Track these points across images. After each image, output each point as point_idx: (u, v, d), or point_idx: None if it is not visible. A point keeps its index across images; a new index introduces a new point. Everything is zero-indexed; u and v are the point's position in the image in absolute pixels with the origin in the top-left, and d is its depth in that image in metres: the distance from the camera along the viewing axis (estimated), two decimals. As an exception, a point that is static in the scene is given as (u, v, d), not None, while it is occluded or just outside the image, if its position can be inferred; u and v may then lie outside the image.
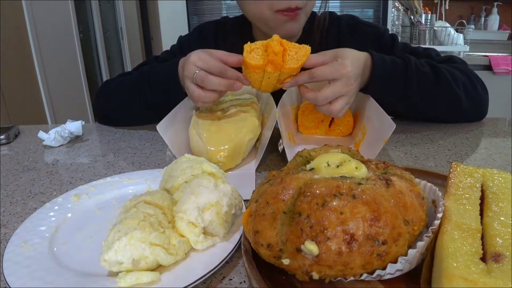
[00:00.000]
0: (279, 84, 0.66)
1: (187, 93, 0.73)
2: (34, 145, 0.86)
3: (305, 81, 0.66)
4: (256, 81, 0.66)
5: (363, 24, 0.98)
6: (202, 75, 0.67)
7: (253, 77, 0.65)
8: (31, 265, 0.40)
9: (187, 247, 0.42)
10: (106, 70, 3.68)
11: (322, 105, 0.67)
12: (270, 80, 0.65)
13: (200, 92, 0.69)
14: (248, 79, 0.66)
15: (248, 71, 0.64)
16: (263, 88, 0.67)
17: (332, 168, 0.39)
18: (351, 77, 0.66)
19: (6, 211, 0.56)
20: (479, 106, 0.89)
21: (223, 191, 0.45)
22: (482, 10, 3.11)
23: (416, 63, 0.78)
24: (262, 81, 0.65)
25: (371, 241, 0.32)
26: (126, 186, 0.59)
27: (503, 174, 0.41)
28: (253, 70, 0.63)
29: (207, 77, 0.67)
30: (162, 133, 0.64)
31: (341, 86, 0.65)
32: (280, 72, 0.63)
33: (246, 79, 0.66)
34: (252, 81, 0.66)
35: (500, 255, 0.29)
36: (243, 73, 0.66)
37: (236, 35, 0.98)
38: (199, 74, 0.67)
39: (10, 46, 2.15)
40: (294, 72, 0.64)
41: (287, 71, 0.63)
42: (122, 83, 0.94)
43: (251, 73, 0.64)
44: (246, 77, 0.66)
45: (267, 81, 0.65)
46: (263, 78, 0.65)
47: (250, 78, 0.66)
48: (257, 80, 0.65)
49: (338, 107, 0.66)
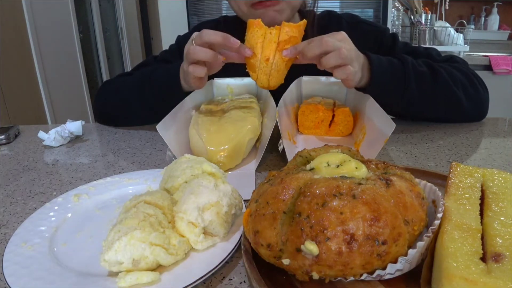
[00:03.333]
0: (279, 51, 0.66)
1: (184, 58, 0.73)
2: (34, 145, 0.86)
3: (305, 46, 0.66)
4: (257, 45, 0.66)
5: (364, 23, 0.98)
6: (201, 31, 0.68)
7: (254, 40, 0.66)
8: (31, 265, 0.40)
9: (187, 247, 0.42)
10: (106, 70, 3.67)
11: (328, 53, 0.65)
12: (271, 42, 0.65)
13: (195, 47, 0.68)
14: (249, 43, 0.67)
15: (249, 31, 0.66)
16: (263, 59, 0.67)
17: (332, 168, 0.39)
18: (348, 39, 0.67)
19: (6, 211, 0.56)
20: (479, 105, 0.89)
21: (223, 191, 0.45)
22: (482, 10, 3.11)
23: (413, 63, 0.78)
24: (263, 44, 0.66)
25: (371, 241, 0.32)
26: (126, 186, 0.59)
27: (503, 174, 0.41)
28: (256, 26, 0.65)
29: (205, 30, 0.68)
30: (162, 133, 0.64)
31: (342, 42, 0.66)
32: (280, 32, 0.65)
33: (248, 48, 0.67)
34: (253, 44, 0.66)
35: (500, 255, 0.29)
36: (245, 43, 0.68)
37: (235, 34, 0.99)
38: (197, 33, 0.68)
39: (10, 46, 2.15)
40: (294, 33, 0.66)
41: (288, 28, 0.65)
42: (123, 84, 0.94)
43: (252, 32, 0.66)
44: (248, 44, 0.67)
45: (268, 45, 0.66)
46: (264, 39, 0.66)
47: (252, 39, 0.66)
48: (258, 43, 0.66)
49: (346, 53, 0.64)
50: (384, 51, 0.77)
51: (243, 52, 0.66)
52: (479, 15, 3.12)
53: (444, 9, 2.90)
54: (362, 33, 0.94)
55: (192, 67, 0.69)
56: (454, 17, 3.06)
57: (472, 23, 3.10)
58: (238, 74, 0.88)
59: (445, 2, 2.87)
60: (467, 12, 3.17)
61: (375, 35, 0.95)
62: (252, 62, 0.67)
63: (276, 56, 0.66)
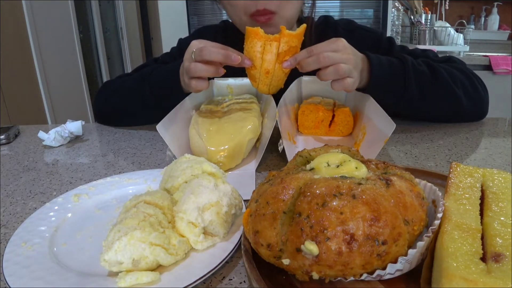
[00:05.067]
0: (279, 63, 0.67)
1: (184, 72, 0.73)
2: (34, 145, 0.86)
3: (304, 57, 0.66)
4: (257, 57, 0.66)
5: (360, 28, 0.99)
6: (201, 47, 0.68)
7: (254, 51, 0.66)
8: (31, 265, 0.40)
9: (187, 247, 0.42)
10: (106, 70, 3.67)
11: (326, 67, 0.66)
12: (271, 55, 0.65)
13: (196, 64, 0.69)
14: (249, 54, 0.67)
15: (249, 41, 0.66)
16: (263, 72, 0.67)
17: (332, 168, 0.39)
18: (348, 47, 0.68)
19: (6, 211, 0.56)
20: (479, 105, 0.89)
21: (223, 191, 0.45)
22: (482, 10, 3.11)
23: (413, 62, 0.78)
24: (262, 56, 0.66)
25: (371, 241, 0.32)
26: (126, 186, 0.59)
27: (503, 174, 0.41)
28: (254, 36, 0.65)
29: (206, 47, 0.67)
30: (162, 133, 0.64)
31: (340, 54, 0.66)
32: (280, 43, 0.65)
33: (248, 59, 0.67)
34: (252, 56, 0.66)
35: (500, 255, 0.29)
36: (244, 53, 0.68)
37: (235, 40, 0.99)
38: (198, 47, 0.68)
39: (10, 46, 2.15)
40: (293, 43, 0.66)
41: (287, 37, 0.65)
42: (123, 83, 0.94)
43: (252, 42, 0.65)
44: (247, 54, 0.67)
45: (267, 57, 0.66)
46: (264, 50, 0.65)
47: (251, 50, 0.66)
48: (258, 55, 0.66)
49: (344, 68, 0.65)
50: (381, 54, 0.77)
51: (243, 64, 0.67)
52: (479, 15, 3.12)
53: (444, 9, 2.89)
54: (359, 39, 0.94)
55: (194, 82, 0.71)
56: (454, 17, 3.06)
57: (472, 23, 3.10)
58: (238, 74, 0.88)
59: (445, 2, 2.87)
60: (467, 12, 3.17)
61: (372, 40, 0.95)
62: (252, 73, 0.69)
63: (276, 66, 0.67)
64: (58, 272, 0.39)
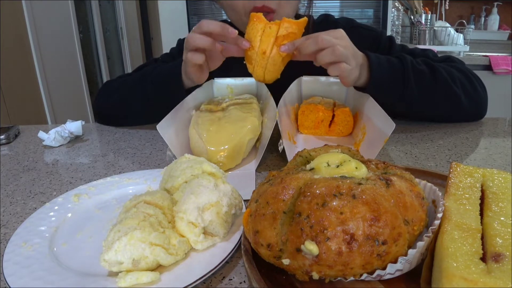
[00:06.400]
0: (277, 46, 0.67)
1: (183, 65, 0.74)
2: (34, 145, 0.86)
3: (302, 43, 0.67)
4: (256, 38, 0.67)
5: (360, 27, 0.99)
6: (201, 21, 0.70)
7: (253, 32, 0.67)
8: (31, 265, 0.40)
9: (187, 247, 0.42)
10: (106, 70, 3.67)
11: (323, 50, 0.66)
12: (269, 37, 0.66)
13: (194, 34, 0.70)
14: (249, 36, 0.68)
15: (250, 24, 0.67)
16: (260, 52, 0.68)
17: (332, 168, 0.39)
18: (346, 37, 0.69)
19: (6, 211, 0.56)
20: (478, 104, 0.89)
21: (223, 191, 0.45)
22: (482, 10, 3.11)
23: (412, 61, 0.79)
24: (261, 38, 0.67)
25: (371, 241, 0.32)
26: (126, 186, 0.59)
27: (503, 174, 0.41)
28: (256, 20, 0.66)
29: (205, 20, 0.69)
30: (162, 133, 0.64)
31: (339, 40, 0.67)
32: (279, 27, 0.66)
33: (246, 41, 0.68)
34: (251, 37, 0.67)
35: (500, 255, 0.29)
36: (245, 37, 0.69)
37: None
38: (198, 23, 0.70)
39: (10, 46, 2.15)
40: (293, 30, 0.67)
41: (287, 23, 0.66)
42: (124, 82, 0.95)
43: (253, 25, 0.67)
44: (247, 36, 0.68)
45: (266, 39, 0.66)
46: (263, 33, 0.66)
47: (251, 32, 0.67)
48: (257, 36, 0.67)
49: (341, 50, 0.65)
50: (381, 53, 0.78)
51: (241, 44, 0.67)
52: (479, 15, 3.13)
53: (444, 9, 2.90)
54: (359, 37, 0.94)
55: (190, 54, 0.71)
56: (454, 17, 3.07)
57: (472, 23, 3.10)
58: (239, 73, 0.88)
59: (445, 2, 2.87)
60: (467, 12, 3.17)
61: (372, 39, 0.95)
62: (249, 54, 0.69)
63: (274, 50, 0.67)
64: (58, 272, 0.39)
